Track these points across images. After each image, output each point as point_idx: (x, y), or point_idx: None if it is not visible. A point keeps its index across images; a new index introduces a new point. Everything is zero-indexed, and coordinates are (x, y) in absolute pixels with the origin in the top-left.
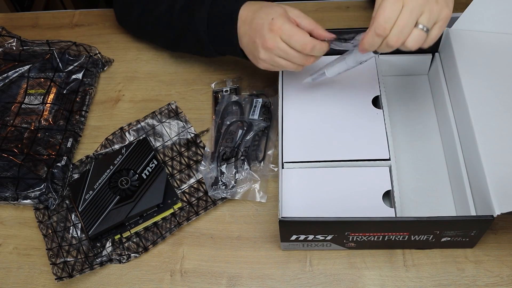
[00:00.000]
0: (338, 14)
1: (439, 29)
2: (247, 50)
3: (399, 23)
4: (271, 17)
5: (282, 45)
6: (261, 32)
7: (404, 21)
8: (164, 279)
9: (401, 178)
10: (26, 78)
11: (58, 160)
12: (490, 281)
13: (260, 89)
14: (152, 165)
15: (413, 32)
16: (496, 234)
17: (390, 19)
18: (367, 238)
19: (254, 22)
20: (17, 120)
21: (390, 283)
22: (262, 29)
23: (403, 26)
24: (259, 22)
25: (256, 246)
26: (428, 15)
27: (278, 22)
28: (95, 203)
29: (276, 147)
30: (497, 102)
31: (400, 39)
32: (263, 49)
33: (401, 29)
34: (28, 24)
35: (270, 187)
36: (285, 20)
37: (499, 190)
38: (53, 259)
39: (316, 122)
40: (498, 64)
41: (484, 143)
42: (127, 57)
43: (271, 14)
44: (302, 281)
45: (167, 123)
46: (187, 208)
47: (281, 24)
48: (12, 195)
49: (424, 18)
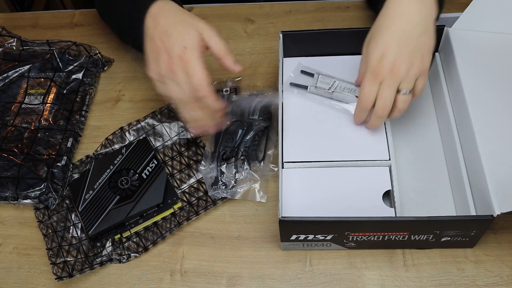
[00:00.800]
0: (338, 14)
1: (423, 80)
2: (147, 51)
3: (381, 96)
4: (184, 45)
5: (181, 76)
6: (170, 53)
7: (384, 95)
8: (164, 279)
9: (401, 178)
10: (26, 78)
11: (58, 160)
12: (490, 281)
13: (260, 89)
14: (152, 165)
15: (398, 99)
16: (496, 234)
17: (370, 96)
18: (367, 238)
19: (166, 36)
20: (17, 120)
21: (390, 283)
22: (171, 50)
23: (384, 99)
24: (170, 42)
25: (256, 246)
26: (406, 81)
27: (189, 55)
28: (95, 203)
29: (276, 147)
30: (497, 102)
31: (386, 109)
32: (164, 67)
33: (383, 101)
34: (28, 24)
35: (270, 187)
36: (196, 55)
37: (499, 190)
38: (53, 259)
39: (316, 122)
40: (498, 64)
41: (484, 143)
42: (127, 57)
43: (186, 40)
44: (302, 281)
45: (167, 123)
46: (187, 208)
47: (190, 58)
48: (12, 195)
49: (404, 84)
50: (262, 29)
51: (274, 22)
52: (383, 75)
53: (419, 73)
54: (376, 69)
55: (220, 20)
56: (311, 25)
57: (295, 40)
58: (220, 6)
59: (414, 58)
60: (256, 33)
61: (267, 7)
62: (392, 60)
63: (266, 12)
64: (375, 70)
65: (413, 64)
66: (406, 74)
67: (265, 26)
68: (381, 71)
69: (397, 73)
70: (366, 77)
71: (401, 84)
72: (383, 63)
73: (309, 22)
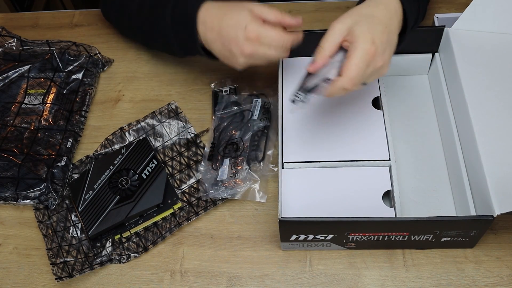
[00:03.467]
0: (338, 14)
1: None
2: (221, 56)
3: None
4: (243, 25)
5: (261, 49)
6: (237, 42)
7: (366, 76)
8: (164, 279)
9: (401, 178)
10: (26, 78)
11: (58, 160)
12: (490, 281)
13: (260, 89)
14: (152, 165)
15: None
16: (496, 234)
17: (361, 75)
18: (367, 238)
19: (224, 31)
20: (17, 120)
21: (390, 283)
22: (236, 38)
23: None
24: (230, 32)
25: (256, 246)
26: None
27: (253, 29)
28: (95, 203)
29: (276, 147)
30: (497, 102)
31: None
32: (242, 56)
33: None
34: (28, 24)
35: (270, 187)
36: (258, 25)
37: (499, 190)
38: (53, 259)
39: (316, 123)
40: (498, 64)
41: (484, 143)
42: (127, 57)
43: (241, 21)
44: (302, 281)
45: (167, 123)
46: (187, 208)
47: (256, 31)
48: (12, 195)
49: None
50: None
51: None
52: (374, 58)
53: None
54: (370, 51)
55: None
56: (311, 25)
57: None
58: None
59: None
60: None
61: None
62: (381, 47)
63: None
64: (368, 51)
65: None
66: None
67: None
68: (373, 54)
69: (380, 59)
70: (357, 56)
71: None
72: (374, 48)
73: (309, 22)
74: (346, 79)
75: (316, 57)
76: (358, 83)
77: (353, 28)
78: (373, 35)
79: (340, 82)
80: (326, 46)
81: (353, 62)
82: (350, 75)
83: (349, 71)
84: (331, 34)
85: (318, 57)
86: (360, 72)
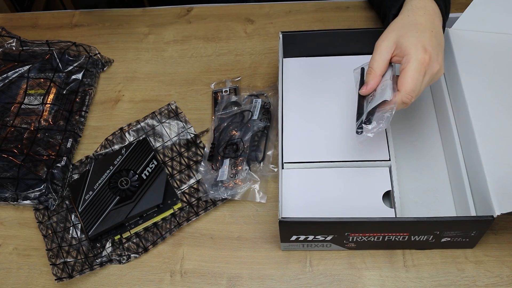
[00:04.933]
0: (338, 14)
1: None
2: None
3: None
4: None
5: None
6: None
7: (424, 86)
8: (164, 279)
9: (401, 179)
10: (26, 79)
11: (58, 160)
12: (490, 281)
13: (260, 89)
14: (152, 166)
15: None
16: (496, 235)
17: (418, 87)
18: (367, 239)
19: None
20: (17, 121)
21: (390, 283)
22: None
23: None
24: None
25: (256, 246)
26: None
27: None
28: (95, 204)
29: (276, 148)
30: (497, 102)
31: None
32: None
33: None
34: (28, 24)
35: (270, 188)
36: None
37: (499, 191)
38: (53, 260)
39: (316, 123)
40: (498, 64)
41: (484, 143)
42: (127, 57)
43: None
44: (302, 282)
45: (167, 124)
46: (187, 209)
47: None
48: (12, 196)
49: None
50: (262, 29)
51: (274, 22)
52: (429, 66)
53: None
54: (424, 60)
55: (220, 20)
56: (311, 25)
57: (295, 40)
58: (220, 6)
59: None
60: (256, 33)
61: (267, 7)
62: (434, 53)
63: (266, 12)
64: (423, 61)
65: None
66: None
67: (265, 26)
68: (428, 62)
69: (436, 64)
70: (413, 68)
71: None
72: (428, 56)
73: (309, 22)
74: (405, 93)
75: (368, 79)
76: (418, 95)
77: (401, 42)
78: (423, 43)
79: (399, 98)
80: (376, 66)
81: (409, 75)
82: (408, 89)
83: (406, 84)
84: (378, 53)
85: (370, 78)
86: (418, 84)
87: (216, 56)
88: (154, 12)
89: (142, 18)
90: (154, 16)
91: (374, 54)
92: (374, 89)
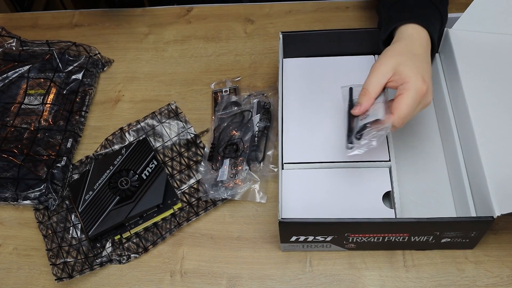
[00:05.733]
0: (337, 14)
1: None
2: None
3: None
4: None
5: None
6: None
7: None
8: (164, 279)
9: (401, 179)
10: (26, 79)
11: (58, 160)
12: (490, 281)
13: (260, 89)
14: (152, 166)
15: None
16: (496, 235)
17: (411, 114)
18: (367, 239)
19: None
20: (17, 121)
21: (390, 283)
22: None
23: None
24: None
25: (256, 246)
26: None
27: None
28: (95, 204)
29: (276, 148)
30: (497, 102)
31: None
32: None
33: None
34: (28, 24)
35: (270, 188)
36: None
37: (499, 191)
38: (53, 260)
39: (316, 123)
40: (498, 65)
41: (484, 144)
42: (127, 57)
43: None
44: (302, 282)
45: (167, 124)
46: (187, 209)
47: None
48: (12, 196)
49: None
50: (262, 29)
51: (274, 22)
52: (425, 96)
53: None
54: (422, 90)
55: (220, 20)
56: (311, 25)
57: (295, 40)
58: (220, 6)
59: None
60: (256, 33)
61: (267, 7)
62: (431, 84)
63: (266, 13)
64: (421, 91)
65: None
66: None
67: (265, 26)
68: (425, 92)
69: (430, 95)
70: (410, 96)
71: None
72: (426, 86)
73: (309, 22)
74: (397, 118)
75: (362, 100)
76: (407, 120)
77: (400, 69)
78: (423, 74)
79: (391, 121)
80: (371, 89)
81: (405, 102)
82: (402, 114)
83: (400, 110)
84: (375, 76)
85: (364, 99)
86: (411, 111)
87: (216, 56)
88: (154, 12)
89: (142, 18)
90: (154, 16)
91: (370, 77)
92: (366, 110)
